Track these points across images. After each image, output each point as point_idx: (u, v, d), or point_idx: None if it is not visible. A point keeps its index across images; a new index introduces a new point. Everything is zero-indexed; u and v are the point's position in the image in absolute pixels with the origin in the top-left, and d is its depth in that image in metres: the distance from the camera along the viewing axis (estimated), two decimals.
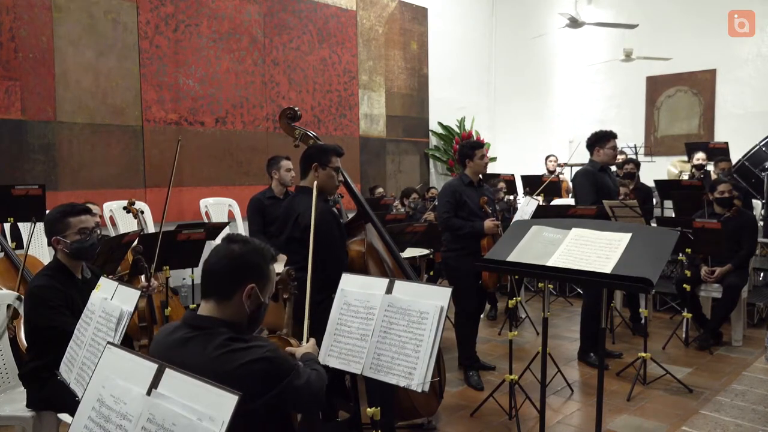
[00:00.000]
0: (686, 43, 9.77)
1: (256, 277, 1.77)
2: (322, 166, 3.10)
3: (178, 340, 1.71)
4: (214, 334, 1.69)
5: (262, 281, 1.78)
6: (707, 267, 4.92)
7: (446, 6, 9.41)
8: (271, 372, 1.67)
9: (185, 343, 1.69)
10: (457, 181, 4.24)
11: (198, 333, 1.71)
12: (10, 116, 5.18)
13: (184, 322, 1.76)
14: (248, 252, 1.78)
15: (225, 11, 6.60)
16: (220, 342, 1.66)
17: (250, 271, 1.76)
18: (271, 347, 1.72)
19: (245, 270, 1.76)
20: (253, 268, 1.78)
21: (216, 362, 1.62)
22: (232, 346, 1.66)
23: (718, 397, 3.79)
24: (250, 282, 1.75)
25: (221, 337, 1.67)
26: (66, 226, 2.65)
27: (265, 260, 1.81)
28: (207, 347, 1.65)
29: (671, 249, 2.42)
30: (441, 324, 2.07)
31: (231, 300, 1.75)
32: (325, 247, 2.95)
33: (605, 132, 4.56)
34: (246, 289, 1.74)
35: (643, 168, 7.03)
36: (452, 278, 4.29)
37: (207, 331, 1.70)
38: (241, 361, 1.62)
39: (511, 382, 3.50)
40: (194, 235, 4.00)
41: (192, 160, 6.32)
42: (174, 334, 1.75)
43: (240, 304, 1.75)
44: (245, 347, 1.67)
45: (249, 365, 1.62)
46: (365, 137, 8.22)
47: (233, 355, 1.64)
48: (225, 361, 1.61)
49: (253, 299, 1.76)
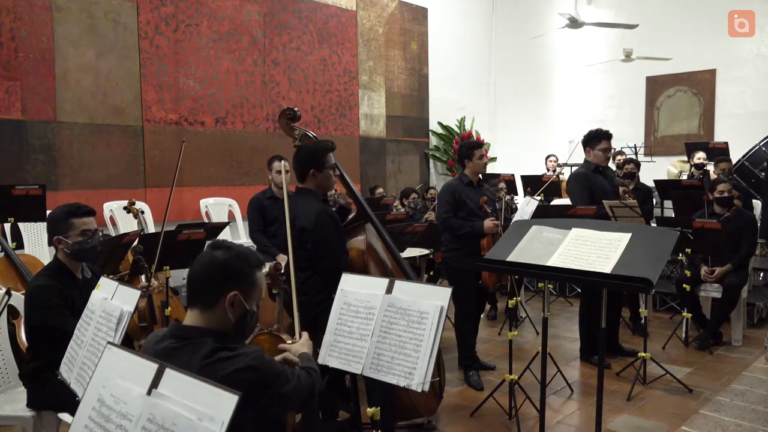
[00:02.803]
0: (686, 43, 9.77)
1: (240, 284, 1.73)
2: (319, 169, 3.10)
3: (162, 350, 1.68)
4: (199, 344, 1.66)
5: (246, 288, 1.74)
6: (707, 267, 4.92)
7: (446, 6, 9.41)
8: (256, 380, 1.65)
9: (170, 353, 1.66)
10: (457, 182, 4.24)
11: (183, 343, 1.68)
12: (11, 116, 5.18)
13: (170, 333, 1.74)
14: (231, 258, 1.73)
15: (225, 11, 6.60)
16: (205, 353, 1.64)
17: (233, 278, 1.72)
18: (257, 354, 1.69)
19: (227, 277, 1.72)
20: (237, 275, 1.73)
21: (201, 373, 1.58)
22: (217, 356, 1.63)
23: (718, 397, 3.80)
24: (233, 289, 1.71)
25: (206, 347, 1.65)
26: (69, 227, 2.66)
27: (250, 266, 1.76)
28: (192, 358, 1.63)
29: (671, 249, 2.42)
30: (441, 324, 2.07)
31: (215, 308, 1.71)
32: (323, 247, 2.95)
33: (597, 132, 4.44)
34: (228, 296, 1.71)
35: (643, 168, 7.02)
36: (452, 278, 4.29)
37: (192, 341, 1.67)
38: (226, 371, 1.60)
39: (511, 382, 3.50)
40: (194, 235, 4.00)
41: (192, 160, 6.32)
42: (160, 343, 1.72)
43: (224, 312, 1.71)
44: (230, 356, 1.65)
45: (234, 374, 1.60)
46: (365, 137, 8.22)
47: (218, 365, 1.62)
48: (210, 371, 1.57)
49: (237, 307, 1.72)
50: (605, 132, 4.45)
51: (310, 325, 2.57)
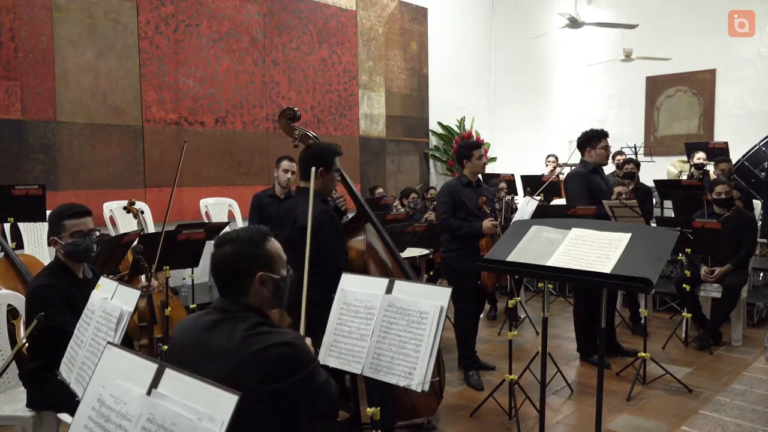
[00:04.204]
0: (686, 43, 9.77)
1: (260, 264, 1.81)
2: (327, 170, 3.10)
3: (207, 323, 1.78)
4: (243, 318, 1.75)
5: (266, 264, 1.82)
6: (707, 267, 4.92)
7: (446, 6, 9.41)
8: (294, 357, 1.71)
9: (214, 325, 1.76)
10: (456, 182, 4.25)
11: (227, 316, 1.77)
12: (10, 116, 5.18)
13: (214, 308, 1.83)
14: (239, 248, 1.81)
15: (225, 11, 6.60)
16: (249, 325, 1.72)
17: (251, 264, 1.80)
18: (297, 335, 1.79)
19: (246, 265, 1.80)
20: (252, 259, 1.81)
21: (242, 343, 1.68)
22: (259, 329, 1.72)
23: (717, 397, 3.80)
24: (257, 272, 1.80)
25: (250, 321, 1.74)
26: (61, 228, 2.66)
27: (258, 244, 1.83)
28: (235, 329, 1.71)
29: (671, 249, 2.42)
30: (441, 324, 2.07)
31: (249, 291, 1.81)
32: (323, 247, 2.95)
33: (596, 131, 4.46)
34: (256, 278, 1.80)
35: (643, 168, 7.03)
36: (452, 278, 4.29)
37: (236, 315, 1.77)
38: (266, 342, 1.68)
39: (511, 382, 3.50)
40: (194, 235, 4.01)
41: (192, 160, 6.32)
42: (204, 317, 1.82)
43: (259, 292, 1.81)
44: (272, 331, 1.74)
45: (273, 347, 1.67)
46: (365, 137, 8.21)
47: (260, 336, 1.70)
48: (251, 342, 1.67)
49: (268, 283, 1.81)
50: (603, 130, 4.49)
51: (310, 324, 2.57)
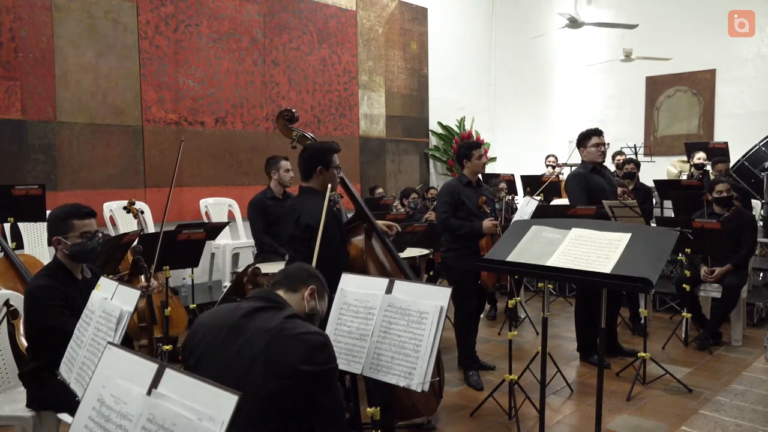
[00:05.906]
0: (686, 43, 9.77)
1: (316, 284, 2.15)
2: (326, 168, 3.11)
3: (248, 309, 1.96)
4: (282, 309, 1.98)
5: (320, 289, 2.16)
6: (707, 267, 4.92)
7: (446, 6, 9.41)
8: (326, 346, 1.89)
9: (255, 311, 1.95)
10: (456, 182, 4.24)
11: (269, 305, 1.99)
12: (10, 116, 5.18)
13: (256, 296, 2.06)
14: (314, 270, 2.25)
15: (225, 11, 6.60)
16: (287, 315, 1.94)
17: (313, 278, 2.16)
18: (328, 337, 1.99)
19: (310, 275, 2.17)
20: (315, 277, 2.18)
21: (282, 326, 1.88)
22: (296, 320, 1.95)
23: (717, 397, 3.80)
24: (312, 284, 2.12)
25: (288, 312, 1.97)
26: (69, 228, 2.65)
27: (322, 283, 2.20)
28: (275, 316, 1.93)
29: (671, 249, 2.42)
30: (441, 324, 2.07)
31: (296, 293, 2.09)
32: (323, 247, 2.95)
33: (587, 130, 4.49)
34: (309, 288, 2.10)
35: (643, 168, 7.03)
36: (451, 278, 4.29)
37: (277, 305, 2.00)
38: (302, 330, 1.89)
39: (511, 382, 3.50)
40: (194, 235, 4.01)
41: (192, 160, 6.32)
42: (244, 304, 2.01)
43: (302, 299, 2.09)
44: (307, 324, 1.97)
45: (307, 334, 1.88)
46: (365, 137, 8.22)
47: (296, 323, 1.92)
48: (289, 327, 1.88)
49: (311, 300, 2.11)
50: (594, 129, 4.49)
51: None
